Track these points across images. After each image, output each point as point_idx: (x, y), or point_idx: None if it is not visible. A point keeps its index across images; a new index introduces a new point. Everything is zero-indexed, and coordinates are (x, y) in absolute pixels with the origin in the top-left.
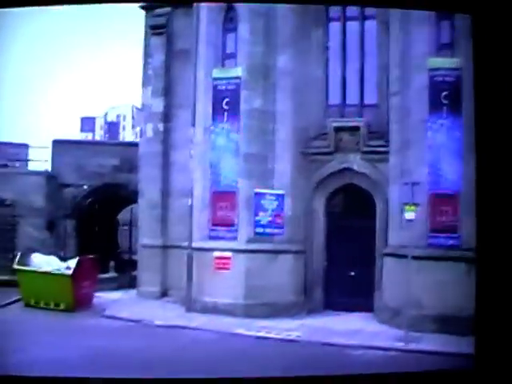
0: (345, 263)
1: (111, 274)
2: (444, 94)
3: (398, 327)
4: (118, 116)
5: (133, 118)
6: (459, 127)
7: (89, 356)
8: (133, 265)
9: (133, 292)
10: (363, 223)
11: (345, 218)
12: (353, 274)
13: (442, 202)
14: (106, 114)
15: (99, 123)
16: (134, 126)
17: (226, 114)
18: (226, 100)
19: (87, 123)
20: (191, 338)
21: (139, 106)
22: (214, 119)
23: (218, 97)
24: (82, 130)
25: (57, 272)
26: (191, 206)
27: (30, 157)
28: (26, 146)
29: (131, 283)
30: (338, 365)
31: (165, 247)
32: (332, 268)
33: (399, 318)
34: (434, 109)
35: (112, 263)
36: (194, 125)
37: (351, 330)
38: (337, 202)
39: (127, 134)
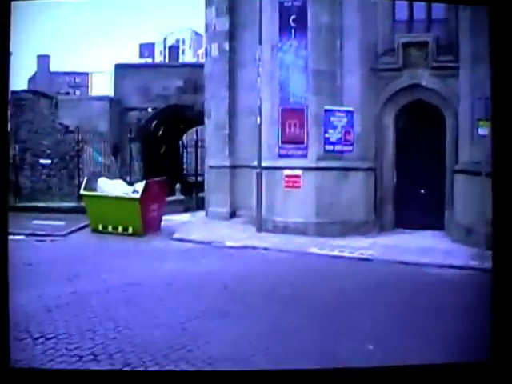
0: (415, 181)
1: (178, 197)
2: None
3: (470, 245)
4: (177, 40)
5: (192, 42)
6: None
7: (164, 280)
8: (199, 186)
9: (201, 214)
10: (433, 140)
11: (414, 134)
12: (423, 191)
13: None
14: (164, 39)
15: (158, 49)
16: (194, 49)
17: (293, 30)
18: (293, 17)
19: (146, 49)
20: (264, 259)
21: (198, 30)
22: (281, 36)
23: (284, 14)
24: (141, 55)
25: (124, 196)
26: (260, 125)
27: (90, 84)
28: (86, 74)
29: (198, 205)
30: (414, 284)
31: (233, 167)
32: (402, 186)
33: (472, 235)
34: None
35: (178, 185)
36: (260, 43)
37: (424, 249)
38: (406, 118)
39: (187, 58)
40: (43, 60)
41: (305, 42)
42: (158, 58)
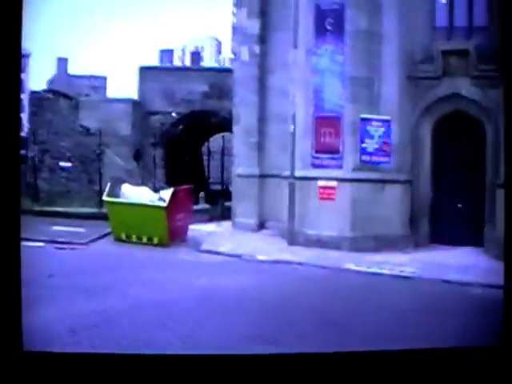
0: (452, 194)
1: (203, 206)
2: None
3: None
4: (196, 48)
5: (212, 49)
6: None
7: (199, 297)
8: (224, 195)
9: (226, 224)
10: (472, 152)
11: (452, 146)
12: (460, 205)
13: None
14: (184, 46)
15: (177, 56)
16: (215, 56)
17: (329, 34)
18: (329, 20)
19: (166, 55)
20: (301, 275)
21: (218, 37)
22: (316, 40)
23: (320, 17)
24: (161, 61)
25: (150, 204)
26: (293, 133)
27: (109, 87)
28: (104, 78)
29: (224, 215)
30: (459, 304)
31: (262, 176)
32: (439, 199)
33: None
34: None
35: (202, 194)
36: (295, 47)
37: (464, 266)
38: (444, 129)
39: (207, 65)
40: (62, 62)
41: (341, 46)
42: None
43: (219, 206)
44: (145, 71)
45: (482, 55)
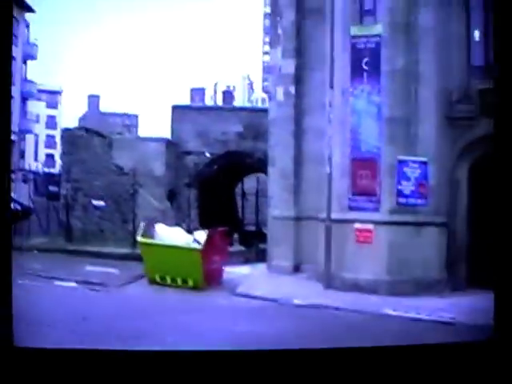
0: (491, 238)
1: (237, 248)
2: None
3: None
4: (227, 87)
5: (243, 88)
6: None
7: (239, 344)
8: (259, 237)
9: (261, 266)
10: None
11: (490, 188)
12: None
13: None
14: (215, 85)
15: (209, 95)
16: (247, 96)
17: (365, 74)
18: (366, 60)
19: (197, 93)
20: (339, 322)
21: (251, 77)
22: (352, 80)
23: (356, 56)
24: (192, 100)
25: (186, 246)
26: (329, 175)
27: (141, 126)
28: (135, 116)
29: (258, 257)
30: None
31: (298, 219)
32: (477, 243)
33: None
34: None
35: (235, 236)
36: (331, 87)
37: None
38: (481, 170)
39: (239, 104)
40: (93, 100)
41: (378, 86)
42: (209, 104)
43: (254, 248)
44: (178, 110)
45: None
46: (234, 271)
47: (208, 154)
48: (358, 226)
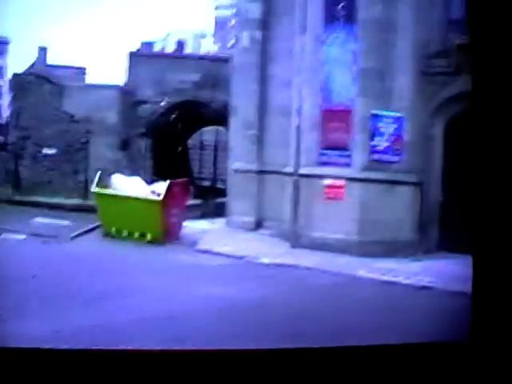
0: (463, 199)
1: (195, 201)
2: None
3: None
4: (179, 39)
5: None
6: None
7: (210, 312)
8: (216, 191)
9: (220, 221)
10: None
11: (465, 147)
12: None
13: None
14: (167, 35)
15: (158, 48)
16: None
17: (340, 21)
18: (342, 4)
19: (148, 48)
20: (311, 283)
21: (199, 33)
22: (326, 27)
23: (331, 1)
24: None
25: (145, 197)
26: (298, 126)
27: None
28: (84, 69)
29: (216, 211)
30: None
31: (261, 172)
32: (449, 204)
33: None
34: None
35: (191, 189)
36: (301, 33)
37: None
38: (457, 129)
39: None
40: (41, 52)
41: (353, 35)
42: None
43: (211, 202)
44: (134, 58)
45: None
46: (190, 225)
47: (163, 103)
48: (328, 181)
